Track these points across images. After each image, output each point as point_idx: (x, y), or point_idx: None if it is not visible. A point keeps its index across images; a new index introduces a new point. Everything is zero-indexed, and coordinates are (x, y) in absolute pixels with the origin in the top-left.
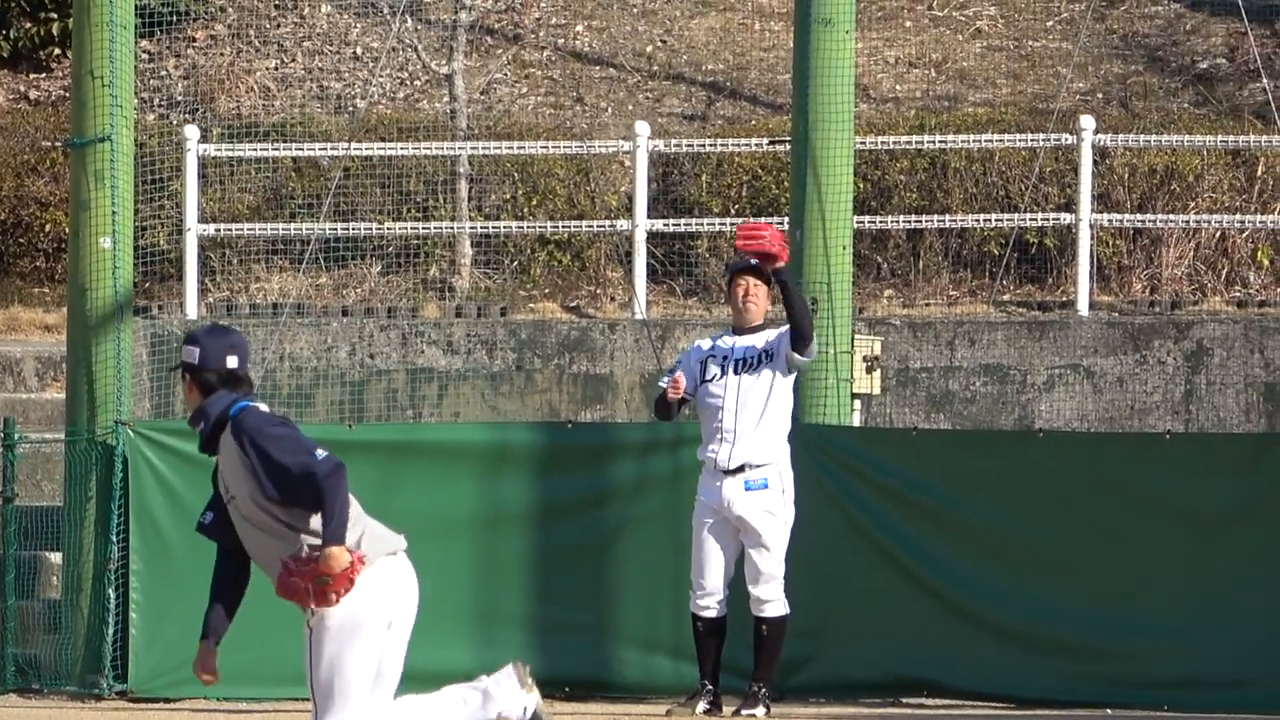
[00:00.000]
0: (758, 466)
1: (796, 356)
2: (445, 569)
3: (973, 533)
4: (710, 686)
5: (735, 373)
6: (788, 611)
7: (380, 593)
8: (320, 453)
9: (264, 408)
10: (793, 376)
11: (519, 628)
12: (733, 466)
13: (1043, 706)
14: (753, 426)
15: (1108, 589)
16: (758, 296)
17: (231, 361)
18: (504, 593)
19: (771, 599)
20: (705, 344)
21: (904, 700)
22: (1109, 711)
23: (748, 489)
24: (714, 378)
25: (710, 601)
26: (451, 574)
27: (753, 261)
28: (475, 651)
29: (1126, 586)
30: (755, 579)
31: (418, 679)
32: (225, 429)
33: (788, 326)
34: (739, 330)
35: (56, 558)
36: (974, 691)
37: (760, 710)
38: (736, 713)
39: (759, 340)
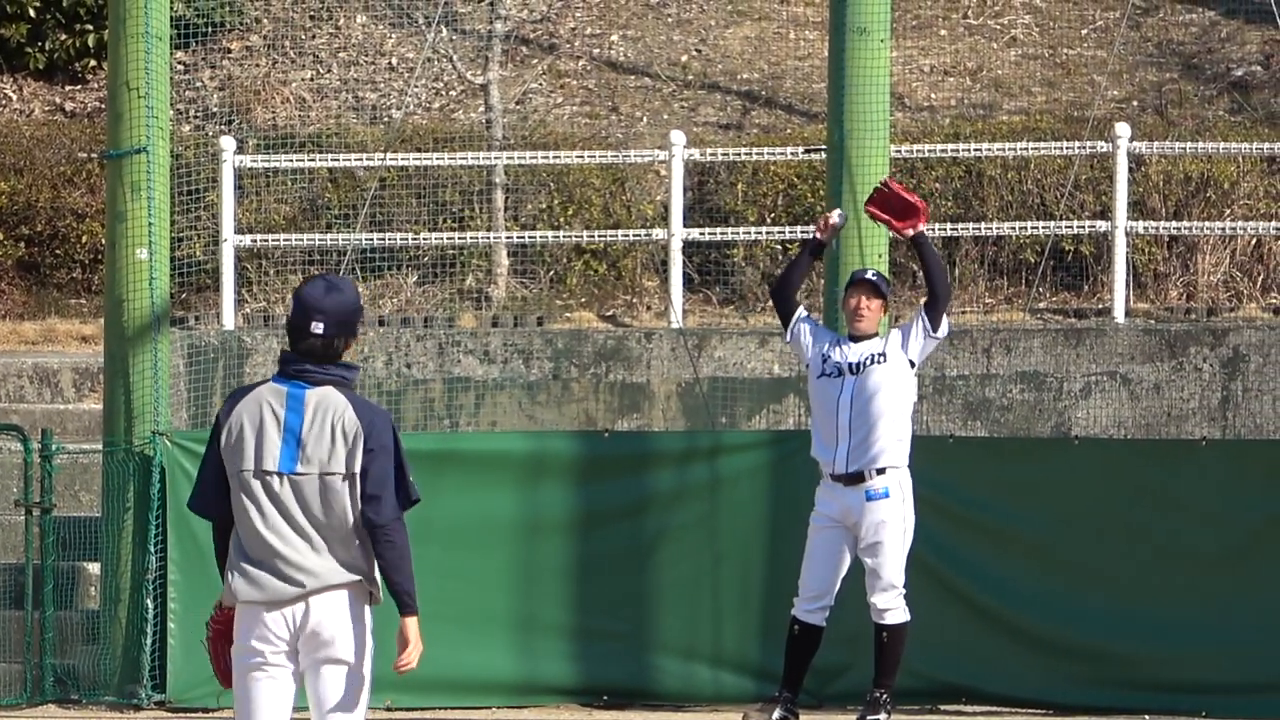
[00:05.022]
0: (878, 474)
1: (927, 330)
2: (484, 578)
3: (1009, 539)
4: (789, 695)
5: (854, 373)
6: (909, 619)
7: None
8: None
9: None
10: (913, 378)
11: (558, 636)
12: (850, 471)
13: (1082, 713)
14: (870, 430)
15: (1145, 596)
16: (869, 309)
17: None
18: (543, 601)
19: (893, 607)
20: (828, 335)
21: (942, 707)
22: (1147, 717)
23: (869, 499)
24: (833, 374)
25: (815, 608)
26: (490, 583)
27: (869, 275)
28: (515, 660)
29: (1164, 593)
30: (875, 588)
31: (460, 686)
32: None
33: (910, 320)
34: (855, 338)
35: (95, 568)
36: (1012, 698)
37: (883, 715)
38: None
39: (878, 344)
